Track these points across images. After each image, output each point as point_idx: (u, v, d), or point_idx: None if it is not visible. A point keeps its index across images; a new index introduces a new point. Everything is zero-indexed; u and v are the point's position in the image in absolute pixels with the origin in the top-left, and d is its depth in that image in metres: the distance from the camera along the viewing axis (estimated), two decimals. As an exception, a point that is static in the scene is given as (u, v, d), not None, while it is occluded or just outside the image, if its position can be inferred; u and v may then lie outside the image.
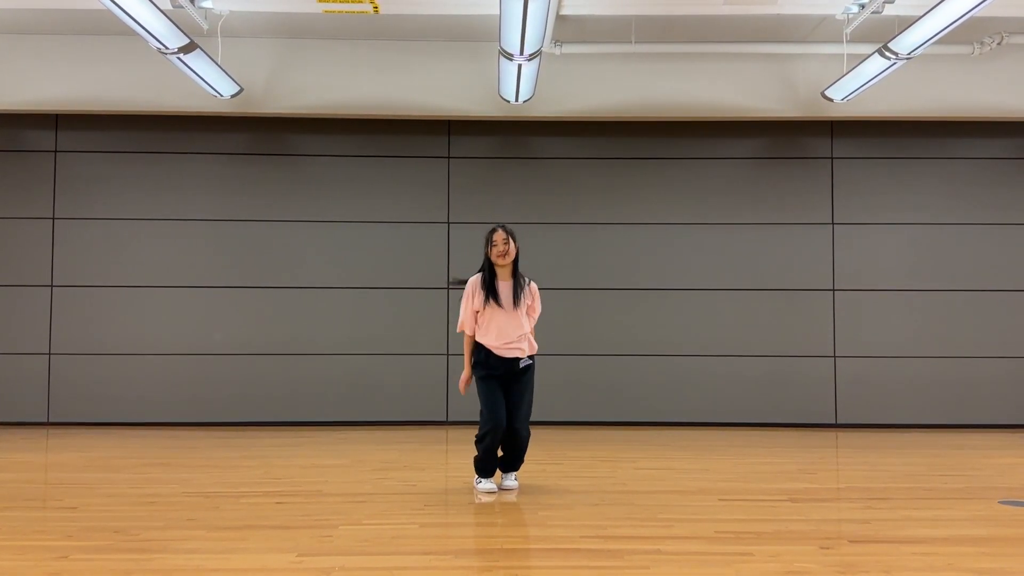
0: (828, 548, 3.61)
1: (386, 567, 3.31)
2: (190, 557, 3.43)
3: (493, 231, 4.92)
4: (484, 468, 4.98)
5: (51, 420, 8.24)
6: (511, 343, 4.89)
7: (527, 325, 4.98)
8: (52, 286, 8.30)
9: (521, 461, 5.07)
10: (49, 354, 8.26)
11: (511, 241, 4.90)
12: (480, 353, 4.93)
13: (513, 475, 5.07)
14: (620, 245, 8.46)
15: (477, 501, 4.68)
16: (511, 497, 4.78)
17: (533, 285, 5.05)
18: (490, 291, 4.88)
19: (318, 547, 3.59)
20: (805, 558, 3.45)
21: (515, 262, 4.95)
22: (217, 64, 6.97)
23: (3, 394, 8.23)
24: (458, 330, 5.03)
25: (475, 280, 4.96)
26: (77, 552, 3.51)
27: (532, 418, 5.04)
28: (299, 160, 8.45)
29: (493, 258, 4.89)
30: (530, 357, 4.97)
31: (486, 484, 4.95)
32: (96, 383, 8.25)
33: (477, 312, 4.93)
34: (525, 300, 4.97)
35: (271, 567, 3.29)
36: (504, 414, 4.85)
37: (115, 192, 8.37)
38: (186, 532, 3.87)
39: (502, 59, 6.59)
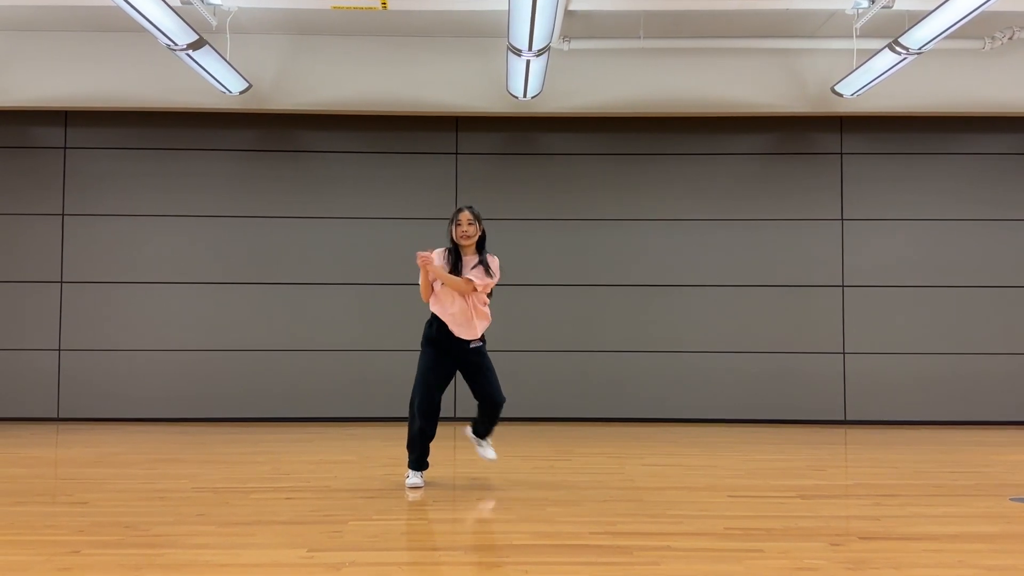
0: (838, 545, 3.60)
1: (396, 563, 3.31)
2: (200, 552, 3.44)
3: (459, 211, 4.89)
4: (412, 458, 4.93)
5: (61, 416, 8.28)
6: (465, 321, 4.84)
7: (483, 306, 4.92)
8: (62, 282, 8.33)
9: (489, 431, 5.09)
10: (59, 350, 8.29)
11: (476, 223, 4.88)
12: (432, 327, 4.92)
13: (490, 446, 5.11)
14: (628, 241, 8.45)
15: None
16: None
17: (495, 259, 4.97)
18: (455, 264, 4.86)
19: (328, 543, 3.60)
20: (815, 555, 3.44)
21: (481, 246, 4.93)
22: (226, 60, 6.98)
23: (13, 390, 8.27)
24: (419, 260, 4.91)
25: (441, 251, 4.94)
26: (88, 547, 3.52)
27: (537, 414, 5.05)
28: (307, 156, 8.46)
29: (456, 238, 4.88)
30: (481, 339, 4.92)
31: (413, 479, 4.89)
32: (106, 379, 8.28)
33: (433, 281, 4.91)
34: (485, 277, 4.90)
35: (282, 562, 3.30)
36: (436, 403, 4.89)
37: (124, 188, 8.40)
38: (196, 527, 3.88)
39: (510, 55, 6.59)
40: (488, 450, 5.12)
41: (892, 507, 4.42)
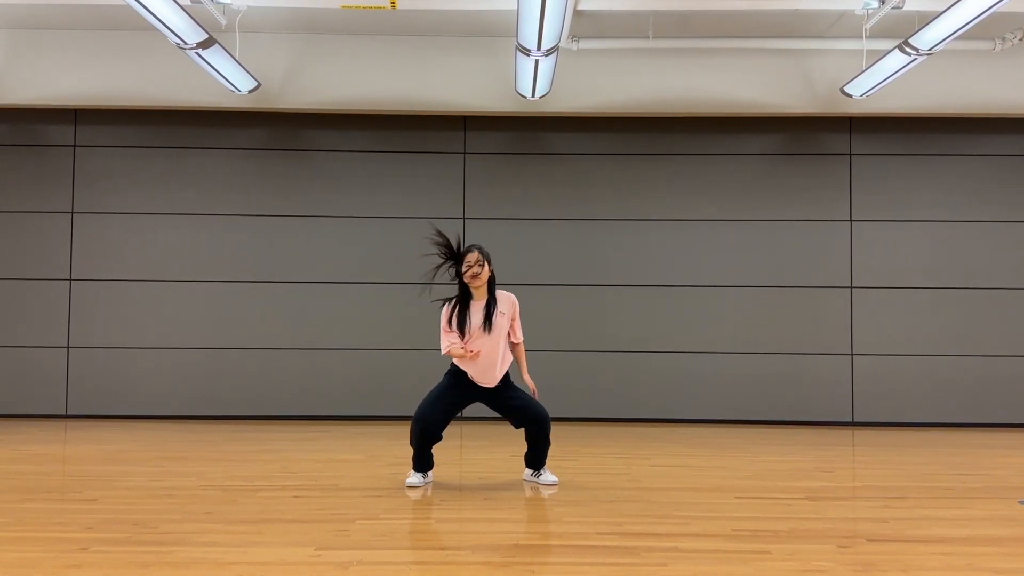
0: (846, 547, 3.60)
1: (403, 562, 3.32)
2: (208, 550, 3.45)
3: (467, 250, 4.82)
4: (414, 461, 4.96)
5: (69, 413, 8.30)
6: (489, 367, 4.82)
7: (503, 347, 4.87)
8: (71, 280, 8.36)
9: (543, 456, 5.04)
10: (67, 347, 8.32)
11: (485, 263, 4.82)
12: (455, 376, 4.90)
13: (547, 471, 5.07)
14: (636, 241, 8.44)
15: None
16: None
17: (512, 298, 4.94)
18: (460, 321, 4.80)
19: (336, 541, 3.61)
20: (823, 557, 3.43)
21: (491, 284, 4.87)
22: (235, 59, 6.99)
23: (22, 387, 8.30)
24: (444, 352, 4.84)
25: (447, 309, 4.89)
26: (97, 544, 3.54)
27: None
28: (315, 155, 8.48)
29: (466, 278, 4.81)
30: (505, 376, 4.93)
31: (411, 479, 4.92)
32: (114, 376, 8.31)
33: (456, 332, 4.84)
34: (500, 322, 4.82)
35: (289, 560, 3.31)
36: (440, 421, 4.83)
37: (133, 186, 8.42)
38: (204, 525, 3.89)
39: (519, 54, 6.58)
40: (547, 475, 5.06)
41: (900, 509, 4.41)
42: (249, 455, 6.09)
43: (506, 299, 4.92)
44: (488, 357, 4.81)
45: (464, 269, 4.80)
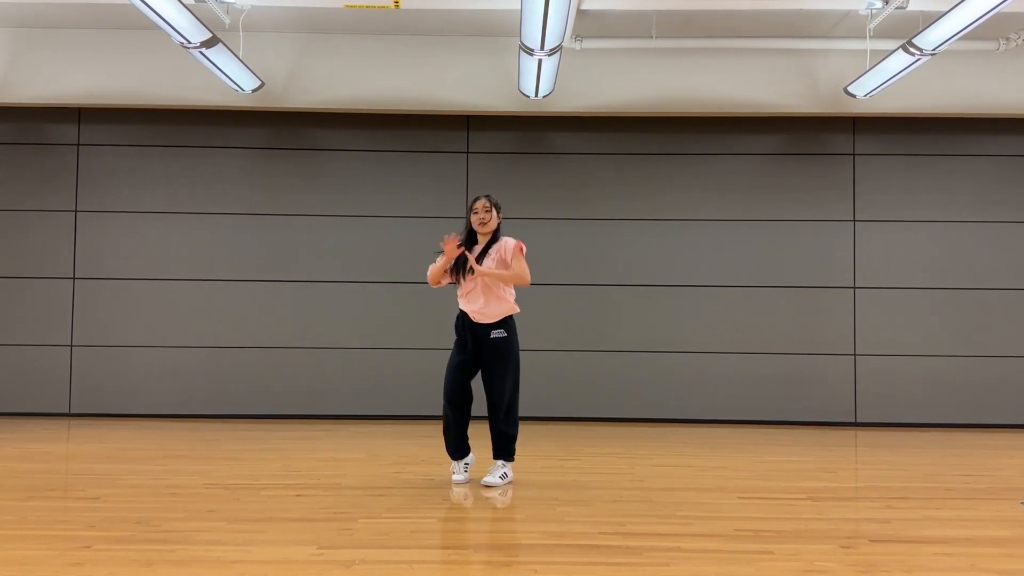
0: (849, 547, 3.59)
1: (406, 560, 3.32)
2: (211, 548, 3.46)
3: (476, 199, 4.97)
4: (447, 449, 5.02)
5: (72, 411, 8.32)
6: (478, 309, 4.89)
7: (493, 287, 4.91)
8: (74, 278, 8.38)
9: (506, 448, 4.97)
10: (71, 346, 8.33)
11: (493, 210, 4.92)
12: (457, 319, 4.99)
13: (499, 469, 4.92)
14: (639, 241, 8.44)
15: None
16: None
17: (511, 241, 4.94)
18: (462, 258, 4.90)
19: (338, 540, 3.61)
20: (826, 557, 3.43)
21: (496, 233, 4.98)
22: (238, 59, 7.00)
23: (26, 385, 8.31)
24: (429, 273, 5.05)
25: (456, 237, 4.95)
26: (100, 542, 3.54)
27: (546, 414, 5.02)
28: (319, 155, 8.48)
29: (474, 226, 4.94)
30: (503, 329, 4.90)
31: (455, 475, 4.98)
32: (117, 375, 8.32)
33: (448, 272, 4.96)
34: (485, 262, 4.90)
35: (292, 559, 3.31)
36: (458, 389, 4.87)
37: (136, 185, 8.43)
38: (207, 524, 3.89)
39: (522, 54, 6.59)
40: (491, 474, 4.91)
41: (903, 510, 4.41)
42: (252, 454, 6.10)
43: (502, 244, 4.95)
44: (473, 292, 4.91)
45: (471, 216, 4.96)
